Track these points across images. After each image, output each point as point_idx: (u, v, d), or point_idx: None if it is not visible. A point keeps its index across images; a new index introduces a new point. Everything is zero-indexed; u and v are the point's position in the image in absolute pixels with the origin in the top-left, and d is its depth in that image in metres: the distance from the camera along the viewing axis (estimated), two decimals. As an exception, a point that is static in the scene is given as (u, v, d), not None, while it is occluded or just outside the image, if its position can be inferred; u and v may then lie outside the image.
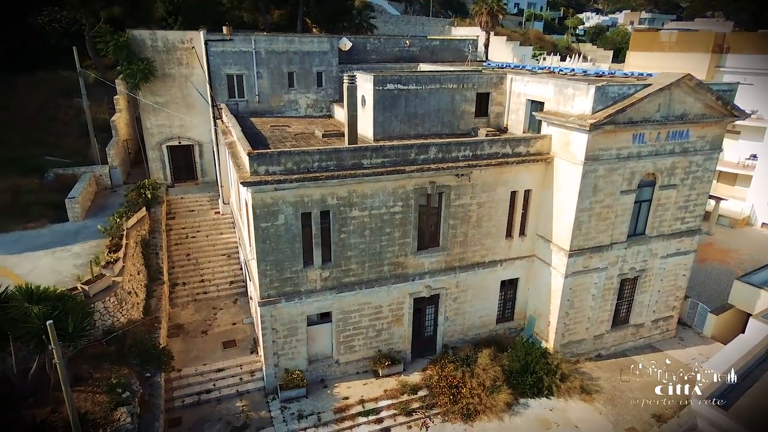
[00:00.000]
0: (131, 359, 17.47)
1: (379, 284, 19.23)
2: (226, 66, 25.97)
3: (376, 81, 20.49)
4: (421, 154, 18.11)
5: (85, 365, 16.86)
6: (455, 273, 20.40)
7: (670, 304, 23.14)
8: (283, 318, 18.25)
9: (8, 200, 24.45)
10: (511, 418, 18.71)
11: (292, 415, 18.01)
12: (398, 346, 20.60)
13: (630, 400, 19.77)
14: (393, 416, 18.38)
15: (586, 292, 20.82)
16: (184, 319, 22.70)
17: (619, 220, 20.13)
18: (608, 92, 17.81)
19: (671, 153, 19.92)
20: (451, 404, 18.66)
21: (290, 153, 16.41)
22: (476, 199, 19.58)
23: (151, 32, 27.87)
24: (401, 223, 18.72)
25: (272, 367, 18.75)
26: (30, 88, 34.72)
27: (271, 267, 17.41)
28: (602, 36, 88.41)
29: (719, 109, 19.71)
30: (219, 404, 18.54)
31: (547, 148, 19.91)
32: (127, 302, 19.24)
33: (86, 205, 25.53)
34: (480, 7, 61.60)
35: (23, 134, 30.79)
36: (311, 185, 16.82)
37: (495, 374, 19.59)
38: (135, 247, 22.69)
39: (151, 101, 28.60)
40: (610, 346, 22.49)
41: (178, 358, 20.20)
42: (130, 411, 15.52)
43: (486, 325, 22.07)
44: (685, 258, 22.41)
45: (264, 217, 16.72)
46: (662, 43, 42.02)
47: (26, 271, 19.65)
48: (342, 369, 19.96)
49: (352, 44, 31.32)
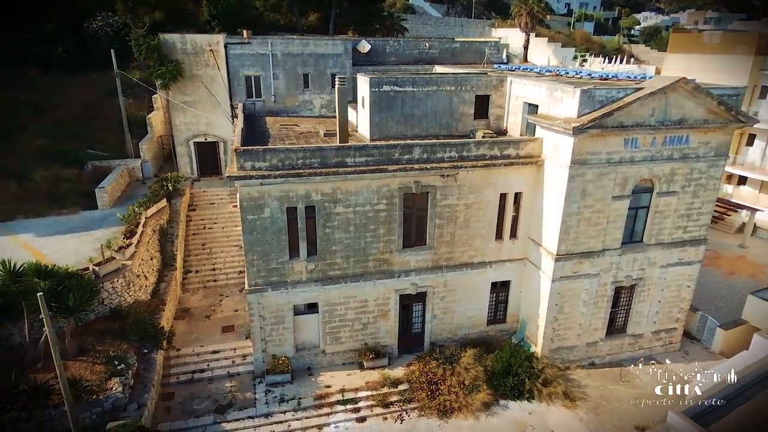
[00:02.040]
0: (131, 336, 19.11)
1: (364, 279, 19.92)
2: (245, 67, 27.52)
3: (372, 82, 21.18)
4: (406, 154, 18.64)
5: (90, 338, 18.66)
6: (442, 272, 20.75)
7: (674, 315, 22.35)
8: (270, 306, 19.31)
9: (49, 188, 27.04)
10: (488, 418, 18.85)
11: (274, 398, 19.04)
12: (385, 340, 21.19)
13: (615, 410, 19.44)
14: (370, 407, 18.99)
15: (577, 298, 20.56)
16: (192, 304, 24.34)
17: (611, 226, 19.76)
18: (595, 96, 17.63)
19: (669, 159, 19.34)
20: (428, 400, 19.04)
21: (275, 150, 17.43)
22: (463, 199, 19.85)
23: (181, 36, 29.86)
24: (386, 220, 19.31)
25: (260, 352, 19.87)
26: (82, 88, 37.91)
27: (258, 257, 18.52)
28: (657, 37, 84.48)
29: (722, 114, 18.95)
30: (210, 383, 19.87)
31: (539, 151, 19.88)
32: (135, 284, 20.98)
33: (115, 195, 27.78)
34: (519, 8, 60.77)
35: (71, 129, 33.77)
36: (296, 181, 17.77)
37: (476, 374, 19.77)
38: (152, 235, 24.57)
39: (180, 100, 30.66)
40: (605, 355, 22.03)
41: (180, 339, 21.81)
42: (122, 381, 17.06)
43: (476, 326, 22.22)
44: (689, 268, 21.60)
45: (251, 209, 17.84)
46: (704, 45, 39.98)
47: (52, 251, 21.80)
48: (328, 359, 20.80)
49: (371, 46, 32.17)
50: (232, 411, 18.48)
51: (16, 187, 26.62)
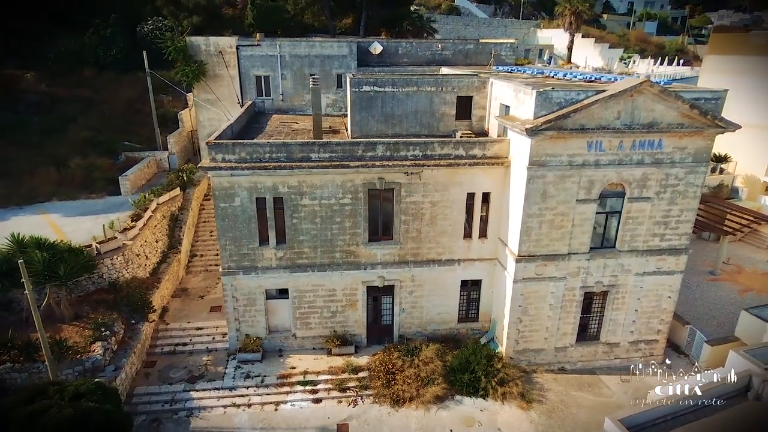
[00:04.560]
0: (122, 308, 21.37)
1: (331, 269, 20.99)
2: (255, 68, 29.43)
3: (352, 82, 22.20)
4: (369, 151, 19.51)
5: (87, 307, 21.08)
6: (409, 267, 21.38)
7: (654, 327, 21.60)
8: (242, 289, 20.88)
9: (83, 175, 30.39)
10: (438, 411, 19.31)
11: (241, 374, 20.59)
12: (353, 329, 22.15)
13: (571, 415, 19.26)
14: (328, 390, 20.05)
15: (543, 301, 20.47)
16: (191, 285, 26.52)
17: (578, 229, 19.54)
18: (552, 98, 17.62)
19: (640, 163, 18.85)
20: (383, 388, 19.81)
21: (243, 144, 18.93)
22: (429, 197, 20.39)
23: (205, 39, 32.35)
24: (351, 214, 20.27)
25: (234, 331, 21.50)
26: (129, 85, 41.78)
27: (230, 242, 20.13)
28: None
29: (698, 118, 18.22)
30: (190, 356, 21.77)
31: (506, 152, 20.04)
32: (134, 262, 23.33)
33: (138, 183, 30.67)
34: (563, 8, 59.20)
35: (114, 123, 37.47)
36: (263, 173, 19.17)
37: (434, 368, 20.28)
38: (161, 220, 27.02)
39: (204, 98, 33.21)
40: (576, 361, 21.71)
41: (172, 314, 23.97)
42: (104, 346, 19.25)
43: (446, 323, 22.63)
44: (669, 278, 20.81)
45: (222, 198, 19.46)
46: (750, 46, 37.37)
47: (70, 230, 24.66)
48: (299, 342, 22.07)
49: (384, 48, 33.12)
50: (202, 382, 20.24)
51: (56, 173, 30.15)
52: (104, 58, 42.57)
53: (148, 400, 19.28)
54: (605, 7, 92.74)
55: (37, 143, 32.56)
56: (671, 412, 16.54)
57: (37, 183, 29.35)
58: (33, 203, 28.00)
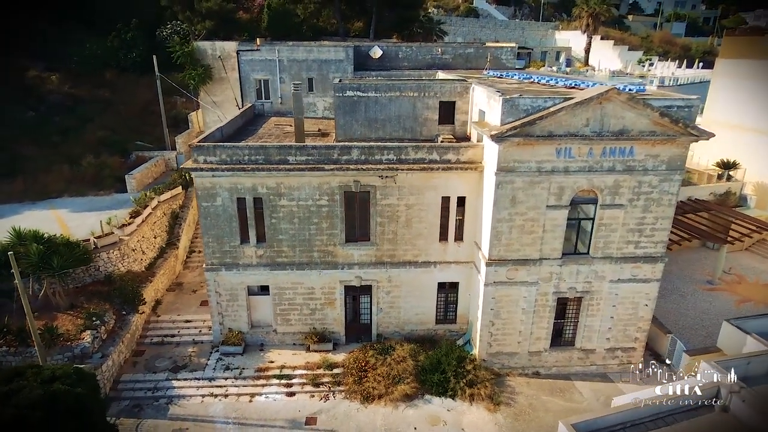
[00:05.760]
0: (115, 299, 22.65)
1: (310, 268, 21.73)
2: (254, 72, 30.50)
3: (336, 87, 22.88)
4: (344, 155, 20.15)
5: (82, 297, 22.43)
6: (386, 268, 21.91)
7: (631, 334, 21.47)
8: (225, 284, 21.85)
9: (93, 173, 32.11)
10: (406, 409, 19.77)
11: (222, 366, 21.56)
12: (332, 327, 22.83)
13: (537, 419, 19.42)
14: (302, 384, 20.80)
15: (515, 305, 20.67)
16: (186, 279, 27.74)
17: (549, 235, 19.67)
18: (519, 104, 17.86)
19: (611, 170, 18.85)
20: (354, 384, 20.42)
21: (224, 146, 19.88)
22: (404, 200, 20.88)
23: (212, 43, 33.72)
24: (328, 215, 20.96)
25: (218, 324, 22.50)
26: (146, 87, 43.60)
27: (213, 240, 21.11)
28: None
29: (669, 126, 18.11)
30: (176, 347, 22.89)
31: (480, 158, 20.34)
32: (130, 257, 24.64)
33: (145, 181, 32.18)
34: (580, 10, 58.50)
35: (129, 123, 39.29)
36: (243, 175, 20.07)
37: (406, 367, 20.76)
38: (161, 217, 28.36)
39: (209, 100, 34.54)
40: (551, 366, 21.79)
41: (164, 307, 25.20)
42: (93, 335, 20.51)
43: (424, 323, 23.04)
44: (646, 286, 20.67)
45: (205, 197, 20.45)
46: (764, 50, 36.22)
47: (75, 225, 26.22)
48: (280, 338, 22.90)
49: (384, 52, 33.73)
50: (184, 372, 21.29)
51: (69, 171, 31.96)
52: (125, 61, 44.52)
53: (132, 387, 20.45)
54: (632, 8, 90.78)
55: (55, 142, 34.55)
56: (631, 419, 16.51)
57: (51, 180, 31.21)
58: (45, 199, 29.83)
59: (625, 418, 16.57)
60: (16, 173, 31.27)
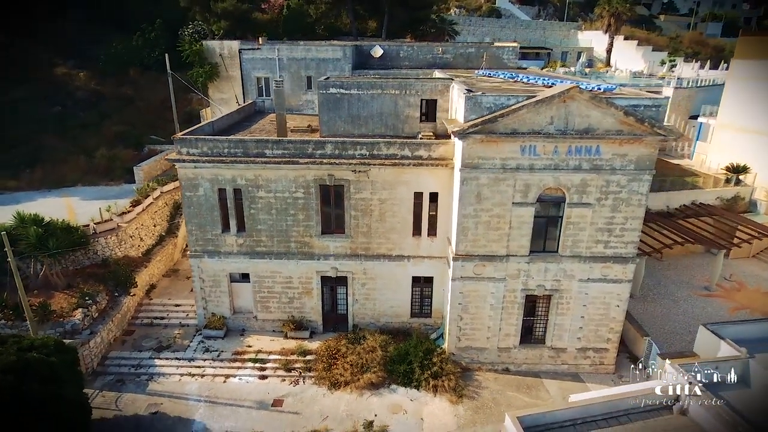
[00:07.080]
0: (109, 281, 24.15)
1: (287, 257, 22.60)
2: (255, 70, 31.69)
3: (319, 85, 23.68)
4: (319, 150, 20.90)
5: (79, 279, 24.02)
6: (361, 260, 22.53)
7: (603, 335, 21.35)
8: (208, 271, 22.98)
9: (106, 164, 34.09)
10: (370, 397, 20.35)
11: (202, 348, 22.70)
12: (310, 316, 23.63)
13: (498, 413, 19.62)
14: (275, 369, 21.67)
15: (483, 301, 20.92)
16: (183, 266, 29.11)
17: (516, 232, 19.84)
18: (482, 102, 18.15)
19: (578, 169, 18.88)
20: (324, 371, 21.15)
21: (205, 139, 20.97)
22: (377, 195, 21.45)
23: (220, 42, 35.13)
24: (304, 207, 21.76)
25: (201, 309, 23.67)
26: (165, 85, 45.58)
27: (196, 228, 22.26)
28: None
29: (636, 125, 18.01)
30: (164, 329, 24.20)
31: (451, 154, 20.69)
32: (127, 243, 26.17)
33: (153, 173, 33.86)
34: (602, 9, 57.37)
35: (146, 118, 41.35)
36: (222, 166, 21.11)
37: (375, 357, 21.33)
38: (163, 207, 29.88)
39: (218, 97, 36.00)
40: (521, 363, 21.90)
41: (158, 291, 26.62)
42: (84, 313, 22.01)
43: (399, 316, 23.53)
44: (617, 287, 20.54)
45: (188, 187, 21.62)
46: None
47: (82, 211, 28.00)
48: (260, 324, 23.86)
49: (384, 51, 34.35)
50: (167, 352, 22.54)
51: (84, 162, 34.03)
52: (148, 59, 46.70)
53: (118, 363, 21.84)
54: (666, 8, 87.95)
55: (75, 135, 36.81)
56: (582, 416, 16.53)
57: (68, 170, 33.35)
58: (61, 187, 31.91)
59: (575, 414, 16.58)
60: (36, 163, 33.54)
